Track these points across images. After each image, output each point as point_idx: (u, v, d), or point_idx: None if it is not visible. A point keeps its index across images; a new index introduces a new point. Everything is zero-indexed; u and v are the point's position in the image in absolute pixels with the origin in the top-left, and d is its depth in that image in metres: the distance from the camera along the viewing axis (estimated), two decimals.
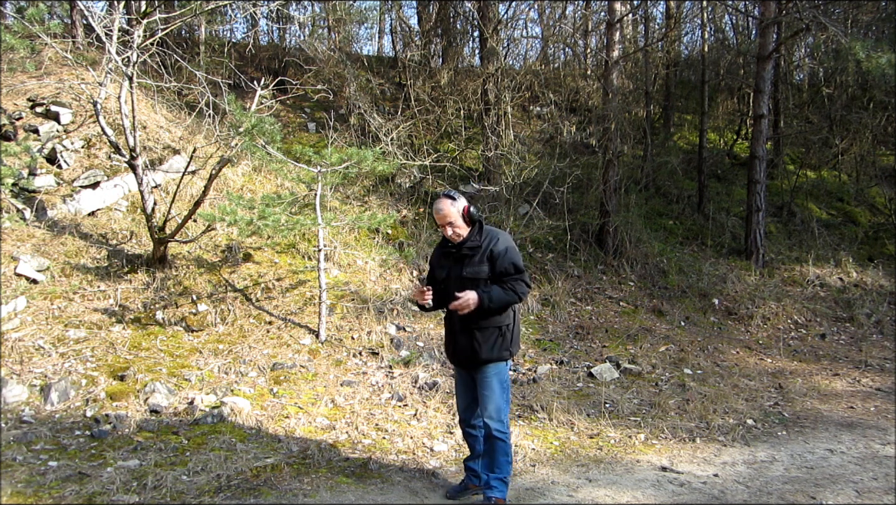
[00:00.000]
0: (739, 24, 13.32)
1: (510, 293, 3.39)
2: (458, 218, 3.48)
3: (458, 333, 3.50)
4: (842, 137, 11.69)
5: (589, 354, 6.63)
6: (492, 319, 3.45)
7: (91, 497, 3.58)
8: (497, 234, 3.51)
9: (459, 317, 3.44)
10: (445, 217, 3.46)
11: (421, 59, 10.42)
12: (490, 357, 3.46)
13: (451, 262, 3.54)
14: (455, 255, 3.52)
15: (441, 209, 3.48)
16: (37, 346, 5.14)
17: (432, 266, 3.73)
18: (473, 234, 3.49)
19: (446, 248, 3.59)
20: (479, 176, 9.36)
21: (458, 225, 3.48)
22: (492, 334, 3.47)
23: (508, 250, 3.45)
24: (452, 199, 3.48)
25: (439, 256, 3.66)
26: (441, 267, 3.60)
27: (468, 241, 3.48)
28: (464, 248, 3.47)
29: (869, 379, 6.55)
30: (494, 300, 3.36)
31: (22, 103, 7.33)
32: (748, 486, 4.04)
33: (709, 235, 9.85)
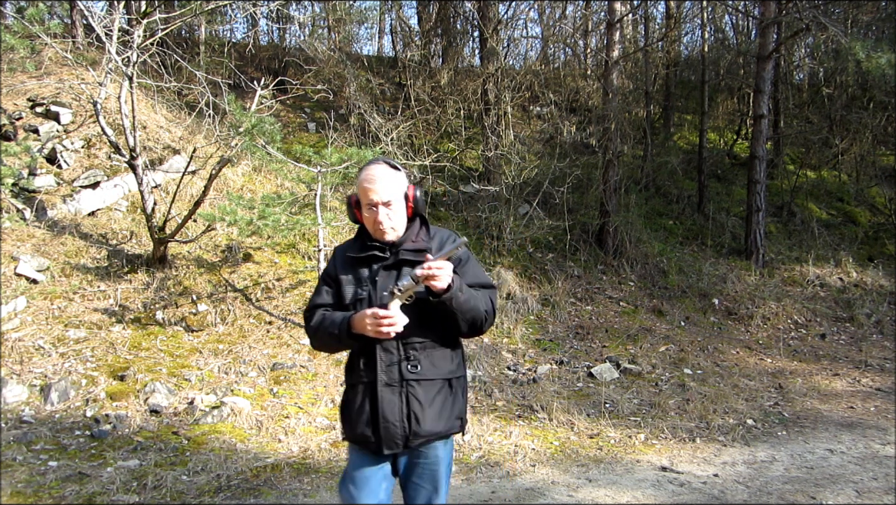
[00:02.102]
0: (739, 24, 13.32)
1: (486, 302, 2.29)
2: (400, 200, 2.29)
3: (383, 387, 2.21)
4: (842, 137, 11.68)
5: (589, 354, 6.63)
6: (440, 359, 2.29)
7: (91, 497, 3.58)
8: (451, 234, 2.40)
9: (385, 357, 2.22)
10: (382, 193, 2.24)
11: (421, 59, 10.42)
12: (436, 429, 2.24)
13: (372, 273, 2.28)
14: (384, 261, 2.29)
15: (377, 178, 2.24)
16: (37, 346, 5.14)
17: (330, 280, 2.37)
18: (416, 233, 2.35)
19: (366, 250, 2.31)
20: (479, 176, 9.36)
21: (397, 211, 2.27)
22: (439, 390, 2.27)
23: (472, 258, 2.39)
24: (395, 168, 2.30)
25: (348, 263, 2.34)
26: (352, 281, 2.31)
27: (408, 240, 2.31)
28: (402, 252, 2.28)
29: (869, 379, 6.55)
30: (466, 295, 2.20)
31: (22, 103, 7.33)
32: (748, 486, 4.04)
33: (709, 235, 9.85)
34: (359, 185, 2.30)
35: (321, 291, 2.38)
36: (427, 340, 2.27)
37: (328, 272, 2.40)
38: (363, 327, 2.15)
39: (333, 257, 2.43)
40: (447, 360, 2.32)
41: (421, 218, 2.41)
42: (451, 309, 2.17)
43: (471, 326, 2.25)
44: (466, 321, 2.23)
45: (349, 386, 2.34)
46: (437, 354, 2.29)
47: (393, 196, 2.26)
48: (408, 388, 2.23)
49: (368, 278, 2.30)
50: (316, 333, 2.32)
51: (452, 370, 2.32)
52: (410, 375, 2.24)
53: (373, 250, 2.31)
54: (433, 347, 2.29)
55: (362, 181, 2.28)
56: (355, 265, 2.33)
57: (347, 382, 2.36)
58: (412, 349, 2.25)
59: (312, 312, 2.36)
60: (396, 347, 2.24)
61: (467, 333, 2.29)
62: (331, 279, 2.38)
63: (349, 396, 2.33)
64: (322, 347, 2.40)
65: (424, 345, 2.27)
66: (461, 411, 2.33)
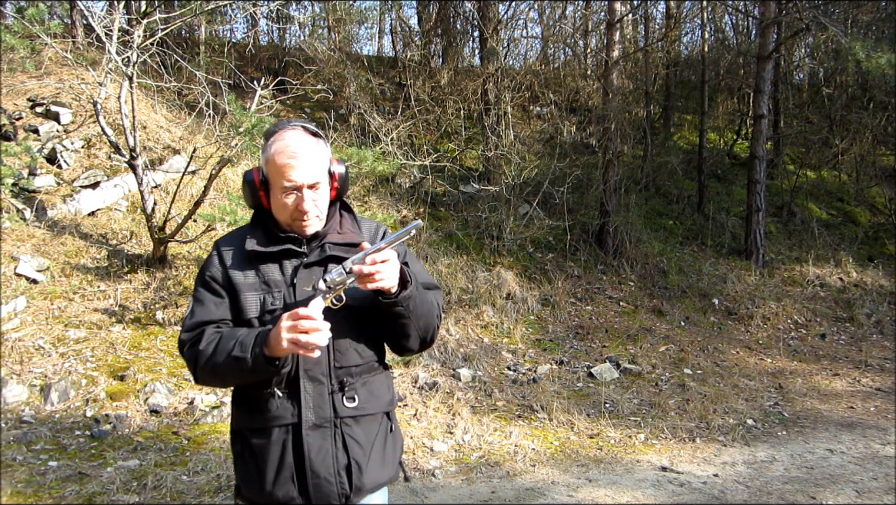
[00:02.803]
0: (739, 24, 13.31)
1: (438, 305, 1.84)
2: (326, 180, 1.78)
3: (310, 431, 1.69)
4: (842, 137, 11.68)
5: (589, 354, 6.63)
6: (379, 386, 1.81)
7: (91, 497, 3.58)
8: (381, 226, 1.93)
9: (312, 389, 1.70)
10: (307, 172, 1.71)
11: (421, 59, 10.42)
12: (381, 479, 1.78)
13: (287, 274, 1.74)
14: (301, 259, 1.76)
15: (300, 153, 1.70)
16: (37, 346, 5.14)
17: (217, 286, 1.76)
18: (341, 223, 1.84)
19: (276, 242, 1.76)
20: (479, 176, 9.36)
21: (323, 195, 1.77)
22: (379, 427, 1.80)
23: (410, 252, 1.90)
24: (316, 135, 1.77)
25: (247, 260, 1.76)
26: (257, 286, 1.74)
27: (332, 231, 1.81)
28: (329, 246, 1.77)
29: (869, 379, 6.55)
30: (421, 295, 1.74)
31: (22, 103, 7.33)
32: (748, 486, 4.04)
33: (709, 235, 9.85)
34: (269, 159, 1.72)
35: (205, 301, 1.72)
36: (363, 363, 1.76)
37: (213, 276, 1.74)
38: (278, 339, 1.55)
39: (218, 254, 1.77)
40: (384, 386, 1.83)
41: (343, 204, 1.87)
42: (404, 314, 1.67)
43: (423, 337, 1.77)
44: (419, 329, 1.73)
45: (251, 432, 1.72)
46: (376, 379, 1.80)
47: (320, 176, 1.73)
48: (343, 428, 1.71)
49: (283, 281, 1.72)
50: (208, 360, 1.65)
51: (390, 400, 1.83)
52: (347, 410, 1.71)
53: (287, 243, 1.74)
54: (371, 371, 1.79)
55: (276, 154, 1.69)
56: (259, 263, 1.74)
57: (245, 427, 1.74)
58: (347, 375, 1.73)
59: (196, 331, 1.71)
60: (327, 374, 1.70)
61: (418, 347, 1.79)
62: (220, 284, 1.74)
63: (255, 446, 1.70)
64: (216, 379, 1.73)
65: (361, 368, 1.75)
66: (401, 451, 1.87)
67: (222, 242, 1.83)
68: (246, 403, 1.77)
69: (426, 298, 1.77)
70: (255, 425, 1.73)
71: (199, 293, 1.76)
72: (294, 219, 1.76)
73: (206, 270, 1.78)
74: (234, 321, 1.75)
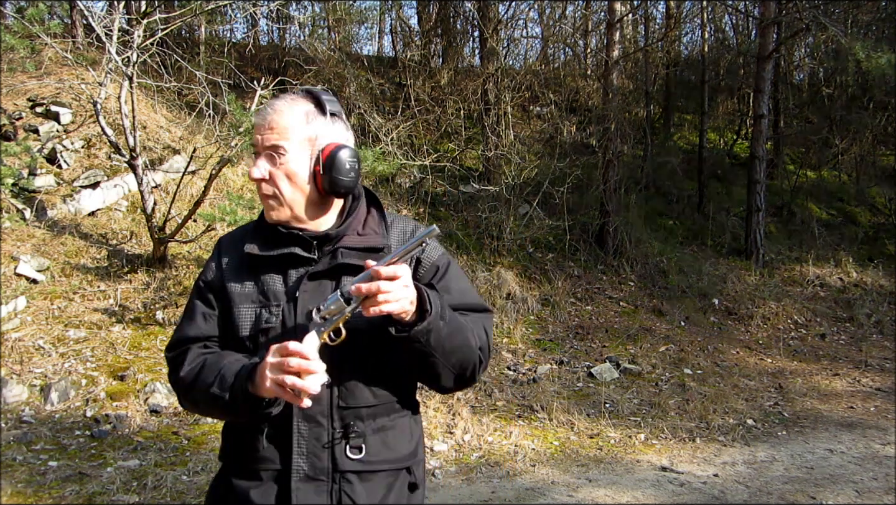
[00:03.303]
0: (739, 24, 13.31)
1: (479, 334, 1.45)
2: (302, 152, 1.40)
3: (301, 483, 1.36)
4: (842, 137, 11.68)
5: (589, 354, 6.63)
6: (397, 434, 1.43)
7: (91, 497, 3.58)
8: (418, 226, 1.56)
9: (307, 432, 1.37)
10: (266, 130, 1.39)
11: (421, 59, 10.42)
12: None
13: (290, 285, 1.42)
14: (309, 266, 1.43)
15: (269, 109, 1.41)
16: (37, 346, 5.14)
17: (210, 294, 1.48)
18: (365, 222, 1.49)
19: (278, 244, 1.44)
20: (479, 176, 9.36)
21: (291, 168, 1.39)
22: (390, 488, 1.42)
23: (454, 266, 1.54)
24: (313, 98, 1.42)
25: (245, 266, 1.46)
26: (253, 297, 1.43)
27: (351, 232, 1.45)
28: (342, 252, 1.42)
29: (869, 379, 6.55)
30: (451, 324, 1.35)
31: (22, 103, 7.33)
32: (748, 486, 4.04)
33: (709, 235, 9.85)
34: None
35: (195, 313, 1.46)
36: (378, 404, 1.41)
37: (208, 280, 1.47)
38: (262, 379, 1.27)
39: (219, 254, 1.49)
40: (406, 435, 1.44)
41: (370, 197, 1.52)
42: (426, 350, 1.31)
43: (458, 375, 1.40)
44: (451, 366, 1.36)
45: (237, 473, 1.41)
46: (396, 425, 1.43)
47: (282, 139, 1.36)
48: (342, 485, 1.36)
49: (284, 293, 1.40)
50: (188, 392, 1.41)
51: (412, 452, 1.45)
52: (349, 463, 1.36)
53: (291, 245, 1.41)
54: (387, 415, 1.42)
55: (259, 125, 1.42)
56: (259, 270, 1.42)
57: (232, 465, 1.44)
58: (355, 418, 1.38)
59: (180, 349, 1.46)
60: (328, 415, 1.36)
61: (452, 386, 1.43)
62: (213, 293, 1.46)
63: (237, 490, 1.39)
64: (201, 413, 1.53)
65: (375, 411, 1.40)
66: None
67: (225, 241, 1.52)
68: (234, 435, 1.45)
69: (458, 328, 1.36)
70: (241, 465, 1.41)
71: (191, 301, 1.50)
72: (270, 215, 1.43)
73: (202, 275, 1.50)
74: (226, 339, 1.45)
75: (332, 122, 1.43)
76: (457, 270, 1.54)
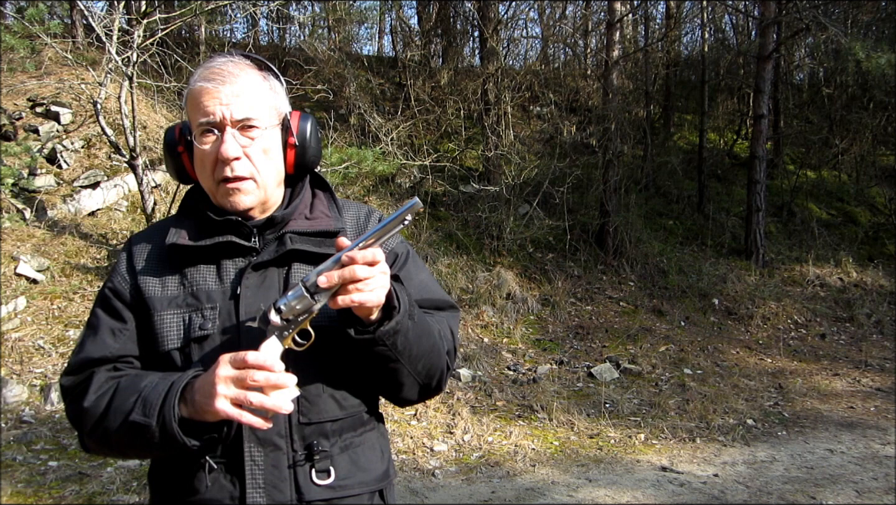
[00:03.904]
0: (739, 24, 13.32)
1: (447, 336, 1.25)
2: (272, 129, 1.21)
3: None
4: (842, 137, 11.68)
5: (589, 354, 6.63)
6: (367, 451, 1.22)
7: (91, 497, 3.58)
8: (373, 211, 1.34)
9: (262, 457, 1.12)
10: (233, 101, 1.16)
11: (421, 59, 10.42)
12: None
13: (227, 281, 1.18)
14: (250, 255, 1.21)
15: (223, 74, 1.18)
16: (37, 346, 5.14)
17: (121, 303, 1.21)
18: (312, 205, 1.29)
19: (213, 232, 1.19)
20: (479, 176, 9.36)
21: (263, 146, 1.19)
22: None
23: (413, 254, 1.33)
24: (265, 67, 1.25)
25: (167, 263, 1.21)
26: (181, 301, 1.17)
27: (297, 214, 1.26)
28: (290, 237, 1.21)
29: (869, 379, 6.55)
30: (419, 325, 1.15)
31: (22, 103, 7.33)
32: (748, 486, 4.04)
33: (709, 235, 9.85)
34: (188, 95, 1.20)
35: (99, 328, 1.19)
36: (345, 417, 1.19)
37: (116, 287, 1.21)
38: (209, 396, 1.02)
39: (129, 254, 1.23)
40: (376, 451, 1.25)
41: (316, 178, 1.31)
42: (390, 355, 1.11)
43: (424, 384, 1.20)
44: (416, 374, 1.17)
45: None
46: (364, 440, 1.22)
47: (257, 112, 1.17)
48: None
49: (220, 292, 1.17)
50: (96, 425, 1.12)
51: (384, 471, 1.25)
52: (317, 490, 1.14)
53: (227, 232, 1.18)
54: (354, 430, 1.21)
55: (194, 82, 1.19)
56: (186, 265, 1.19)
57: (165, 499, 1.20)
58: (319, 436, 1.16)
59: (81, 374, 1.19)
60: (286, 434, 1.13)
61: (415, 398, 1.23)
62: (123, 302, 1.20)
63: None
64: (111, 451, 1.20)
65: (341, 426, 1.19)
66: None
67: (138, 238, 1.26)
68: (165, 476, 1.19)
69: (426, 330, 1.17)
70: (176, 501, 1.15)
71: (93, 315, 1.21)
72: (217, 180, 1.16)
73: (108, 281, 1.23)
74: (146, 358, 1.18)
75: (277, 83, 1.25)
76: (418, 260, 1.32)
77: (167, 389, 1.07)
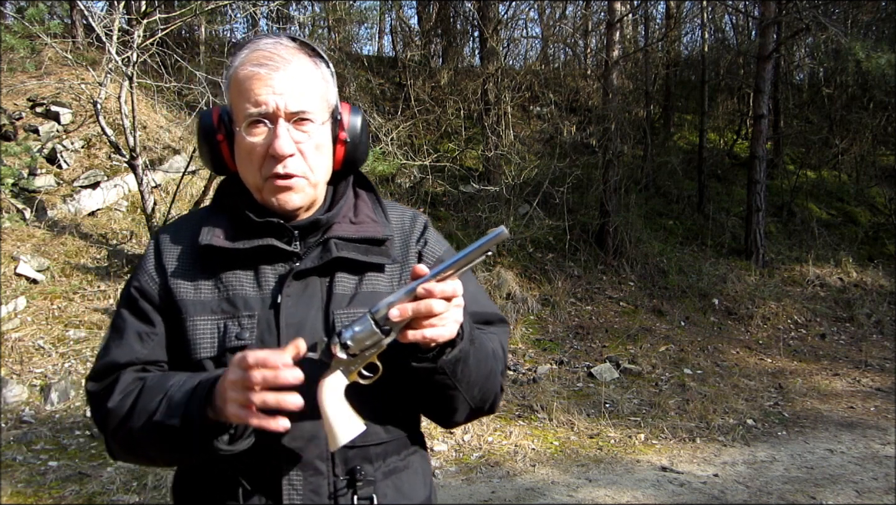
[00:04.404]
0: (739, 24, 13.32)
1: (501, 355, 1.18)
2: (325, 124, 1.11)
3: None
4: (842, 137, 11.69)
5: (589, 354, 6.63)
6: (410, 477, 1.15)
7: (91, 497, 3.58)
8: (418, 215, 1.26)
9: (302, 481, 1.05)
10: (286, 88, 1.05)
11: (421, 59, 10.42)
12: None
13: (267, 288, 1.09)
14: (292, 261, 1.11)
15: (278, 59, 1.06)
16: (37, 346, 5.14)
17: (151, 305, 1.11)
18: (356, 208, 1.20)
19: (253, 234, 1.10)
20: (479, 176, 9.36)
21: (315, 143, 1.09)
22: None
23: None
24: (315, 54, 1.12)
25: (200, 266, 1.11)
26: (216, 306, 1.08)
27: (342, 218, 1.16)
28: (335, 242, 1.11)
29: (869, 379, 6.55)
30: (479, 351, 1.08)
31: (22, 103, 7.33)
32: (748, 486, 4.04)
33: (709, 235, 9.85)
34: (231, 77, 1.10)
35: (126, 331, 1.11)
36: (390, 440, 1.13)
37: (144, 287, 1.12)
38: (223, 401, 0.97)
39: (156, 252, 1.15)
40: (419, 477, 1.18)
41: (359, 178, 1.23)
42: (450, 383, 1.05)
43: (476, 408, 1.14)
44: (471, 399, 1.10)
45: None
46: (406, 465, 1.15)
47: (312, 105, 1.08)
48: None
49: (259, 299, 1.09)
50: (119, 426, 1.06)
51: (427, 497, 1.19)
52: None
53: (267, 235, 1.10)
54: (398, 453, 1.14)
55: (241, 66, 1.08)
56: (222, 269, 1.11)
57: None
58: (363, 460, 1.09)
59: (106, 379, 1.10)
60: (327, 458, 1.06)
61: (463, 421, 1.16)
62: (152, 303, 1.12)
63: None
64: (136, 456, 1.12)
65: (385, 450, 1.12)
66: None
67: (167, 234, 1.17)
68: (193, 497, 1.12)
69: (485, 353, 1.10)
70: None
71: (118, 317, 1.13)
72: (265, 176, 1.07)
73: (135, 279, 1.13)
74: (176, 365, 1.10)
75: (328, 71, 1.14)
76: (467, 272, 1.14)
77: (193, 388, 1.00)
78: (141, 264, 1.15)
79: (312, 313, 1.07)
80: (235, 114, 1.09)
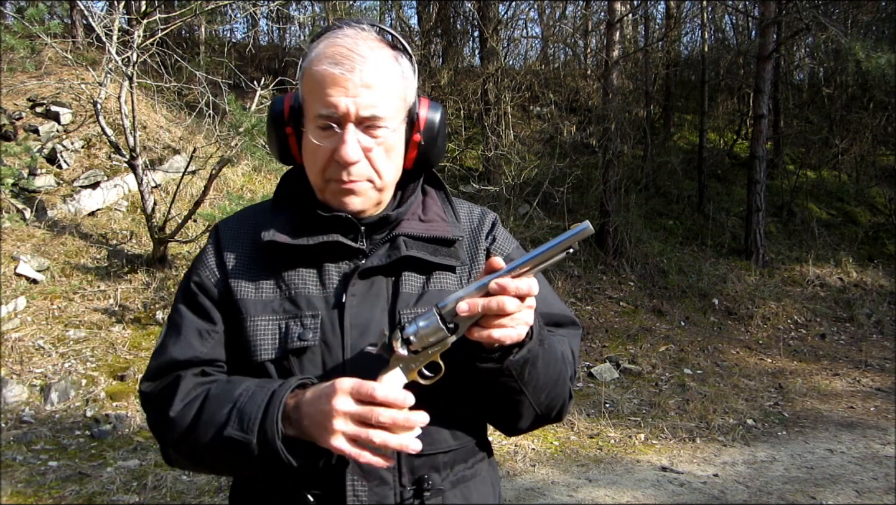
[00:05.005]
0: (739, 24, 13.32)
1: (570, 359, 1.14)
2: (399, 126, 1.05)
3: None
4: (842, 137, 11.69)
5: (589, 354, 6.63)
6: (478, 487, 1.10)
7: (91, 497, 3.58)
8: (486, 212, 1.22)
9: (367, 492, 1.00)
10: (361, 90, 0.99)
11: (421, 59, 10.42)
12: None
13: (331, 286, 1.05)
14: (357, 259, 1.07)
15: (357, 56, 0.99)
16: (37, 346, 5.14)
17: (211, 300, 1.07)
18: (425, 206, 1.14)
19: (316, 230, 1.05)
20: (479, 176, 9.36)
21: (387, 145, 1.03)
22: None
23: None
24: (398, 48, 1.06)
25: (263, 261, 1.07)
26: (278, 305, 1.04)
27: (411, 215, 1.11)
28: (403, 240, 1.07)
29: (869, 379, 6.55)
30: (548, 352, 1.03)
31: (22, 103, 7.33)
32: (748, 486, 4.04)
33: (709, 235, 9.85)
34: (306, 68, 1.04)
35: (185, 328, 1.07)
36: (458, 448, 1.08)
37: (204, 282, 1.08)
38: (323, 429, 0.91)
39: (216, 247, 1.11)
40: (487, 486, 1.13)
41: (430, 175, 1.17)
42: (516, 387, 1.00)
43: (542, 415, 1.08)
44: (538, 405, 1.05)
45: None
46: (474, 474, 1.11)
47: (387, 109, 1.02)
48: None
49: (322, 299, 1.04)
50: (184, 437, 1.02)
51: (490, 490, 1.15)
52: None
53: (332, 231, 1.05)
54: (466, 461, 1.10)
55: (316, 59, 1.02)
56: (284, 266, 1.06)
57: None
58: (430, 469, 1.05)
59: (166, 379, 1.07)
60: (394, 467, 1.02)
61: (527, 428, 1.12)
62: (212, 299, 1.07)
63: None
64: (201, 466, 1.08)
65: (454, 458, 1.08)
66: None
67: (227, 227, 1.12)
68: (242, 495, 1.11)
69: (554, 356, 1.05)
70: None
71: (177, 313, 1.08)
72: (328, 179, 1.03)
73: (194, 273, 1.09)
74: (235, 367, 1.05)
75: (411, 68, 1.06)
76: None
77: (267, 402, 0.94)
78: (200, 258, 1.11)
79: (378, 314, 1.03)
80: (306, 109, 1.04)
